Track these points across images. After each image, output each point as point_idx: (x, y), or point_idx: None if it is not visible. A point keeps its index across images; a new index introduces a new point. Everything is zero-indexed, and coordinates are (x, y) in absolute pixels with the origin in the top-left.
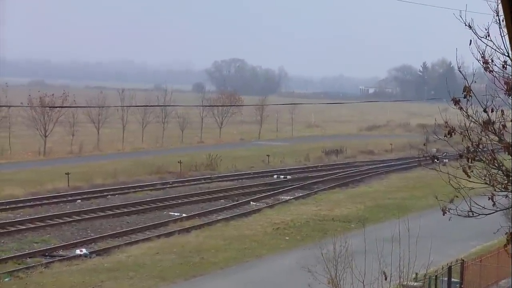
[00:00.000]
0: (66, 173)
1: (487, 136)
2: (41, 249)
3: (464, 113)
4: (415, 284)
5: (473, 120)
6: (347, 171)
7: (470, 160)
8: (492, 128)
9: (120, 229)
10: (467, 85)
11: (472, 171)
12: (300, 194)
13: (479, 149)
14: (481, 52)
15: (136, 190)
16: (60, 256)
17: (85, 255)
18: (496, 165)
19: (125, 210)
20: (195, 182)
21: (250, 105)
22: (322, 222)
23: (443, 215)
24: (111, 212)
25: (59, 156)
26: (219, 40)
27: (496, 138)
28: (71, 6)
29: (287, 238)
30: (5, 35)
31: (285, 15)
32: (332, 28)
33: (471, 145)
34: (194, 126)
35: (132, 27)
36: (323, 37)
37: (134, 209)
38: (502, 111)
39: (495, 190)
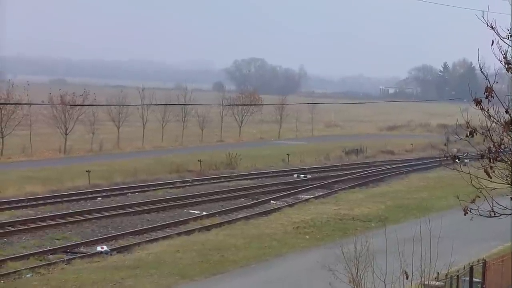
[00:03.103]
0: (86, 171)
1: (509, 137)
2: (62, 245)
3: (486, 113)
4: (437, 283)
5: (494, 120)
6: (367, 170)
7: (491, 161)
8: None
9: (140, 226)
10: (488, 85)
11: (493, 172)
12: (320, 193)
13: (501, 150)
14: (503, 53)
15: (156, 188)
16: (81, 253)
17: (106, 252)
18: None
19: (145, 207)
20: (215, 181)
21: (270, 104)
22: (342, 221)
23: (465, 215)
24: (131, 210)
25: (80, 154)
26: (239, 40)
27: None
28: (91, 4)
29: (307, 237)
30: (25, 33)
31: (305, 16)
32: (352, 28)
33: (492, 146)
34: (214, 125)
35: (152, 26)
36: (343, 37)
37: (154, 207)
38: None
39: None
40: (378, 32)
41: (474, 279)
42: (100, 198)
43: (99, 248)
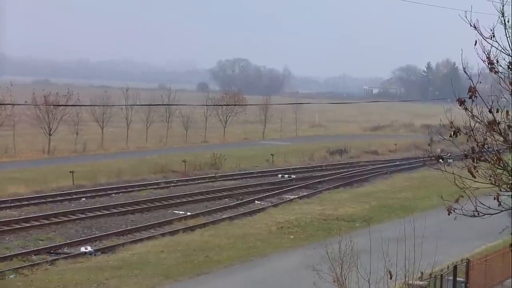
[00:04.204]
0: (70, 172)
1: (492, 137)
2: (46, 246)
3: (469, 113)
4: (421, 283)
5: (478, 120)
6: (352, 170)
7: (475, 160)
8: (497, 128)
9: (124, 227)
10: (472, 85)
11: (477, 171)
12: (305, 194)
13: (484, 150)
14: (486, 53)
15: (140, 188)
16: (65, 254)
17: (90, 253)
18: (502, 165)
19: (130, 208)
20: (199, 181)
21: (254, 105)
22: (326, 221)
23: (448, 215)
24: (115, 210)
25: (63, 155)
26: (223, 40)
27: (501, 139)
28: (75, 5)
29: (291, 237)
30: (9, 33)
31: (289, 15)
32: (336, 28)
33: (476, 146)
34: (198, 126)
35: (136, 26)
36: (327, 37)
37: (139, 207)
38: (507, 111)
39: (500, 190)
40: (363, 33)
41: (458, 279)
42: (84, 198)
43: (83, 249)
